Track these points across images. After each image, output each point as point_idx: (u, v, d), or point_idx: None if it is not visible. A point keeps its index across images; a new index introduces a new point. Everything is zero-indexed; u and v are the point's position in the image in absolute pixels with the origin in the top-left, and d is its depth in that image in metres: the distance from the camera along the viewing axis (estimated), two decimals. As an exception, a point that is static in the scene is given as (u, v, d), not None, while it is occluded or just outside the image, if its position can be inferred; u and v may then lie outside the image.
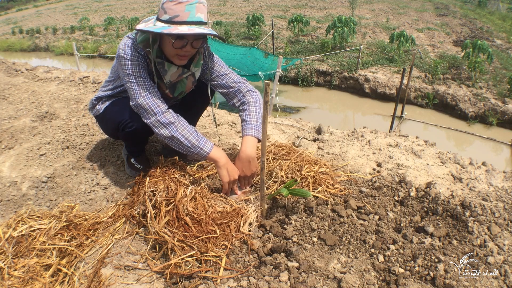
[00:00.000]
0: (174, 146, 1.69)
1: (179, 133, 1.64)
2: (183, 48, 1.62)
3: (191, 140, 1.65)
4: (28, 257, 1.45)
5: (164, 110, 1.65)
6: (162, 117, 1.63)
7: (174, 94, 1.87)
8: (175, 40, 1.58)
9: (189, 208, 1.55)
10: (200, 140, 1.68)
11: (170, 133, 1.64)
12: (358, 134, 2.55)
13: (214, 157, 1.70)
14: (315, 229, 1.54)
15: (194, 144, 1.66)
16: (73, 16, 21.86)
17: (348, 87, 8.05)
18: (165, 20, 1.55)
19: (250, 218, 1.58)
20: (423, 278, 1.30)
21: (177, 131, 1.64)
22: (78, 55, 7.91)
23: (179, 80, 1.82)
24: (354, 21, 9.54)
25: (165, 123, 1.63)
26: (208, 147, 1.69)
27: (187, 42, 1.60)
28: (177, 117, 1.68)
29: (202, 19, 1.56)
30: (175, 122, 1.65)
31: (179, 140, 1.65)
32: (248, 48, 7.23)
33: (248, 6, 19.00)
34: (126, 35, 1.72)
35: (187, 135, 1.65)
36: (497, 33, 11.68)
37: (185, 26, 1.52)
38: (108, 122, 1.92)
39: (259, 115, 1.87)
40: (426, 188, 1.83)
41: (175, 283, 1.32)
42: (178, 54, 1.65)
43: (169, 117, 1.65)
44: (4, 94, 3.58)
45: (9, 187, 2.04)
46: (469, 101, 6.52)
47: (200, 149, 1.67)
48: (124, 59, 1.63)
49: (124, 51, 1.62)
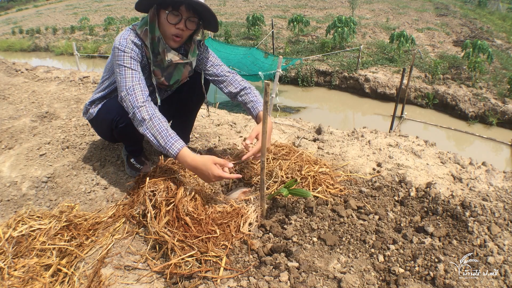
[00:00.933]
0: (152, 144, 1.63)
1: (149, 131, 1.58)
2: (177, 25, 1.66)
3: (158, 139, 1.57)
4: (28, 257, 1.45)
5: (140, 104, 1.59)
6: (137, 111, 1.59)
7: (170, 82, 1.87)
8: (170, 12, 1.63)
9: (189, 208, 1.55)
10: (167, 141, 1.56)
11: (142, 131, 1.60)
12: (358, 134, 2.55)
13: (182, 159, 1.58)
14: (315, 229, 1.54)
15: (161, 145, 1.57)
16: (73, 16, 21.86)
17: (348, 87, 8.05)
18: None
19: (250, 218, 1.58)
20: (423, 278, 1.30)
21: (147, 129, 1.58)
22: (78, 55, 7.91)
23: (176, 67, 1.84)
24: (354, 21, 9.54)
25: (139, 119, 1.59)
26: (175, 150, 1.56)
27: (181, 18, 1.65)
28: (152, 111, 1.59)
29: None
30: (146, 119, 1.57)
31: (150, 139, 1.59)
32: (248, 48, 7.23)
33: (248, 6, 19.00)
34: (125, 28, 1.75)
35: (156, 134, 1.57)
36: (497, 33, 11.68)
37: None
38: (102, 124, 1.93)
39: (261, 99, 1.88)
40: (426, 188, 1.83)
41: (175, 283, 1.32)
42: (173, 33, 1.68)
43: (143, 112, 1.58)
44: (4, 94, 3.58)
45: (9, 187, 2.04)
46: (469, 101, 6.52)
47: (166, 150, 1.57)
48: (118, 50, 1.65)
49: (119, 42, 1.66)
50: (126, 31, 1.71)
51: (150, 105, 1.63)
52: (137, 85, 1.64)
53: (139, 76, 1.68)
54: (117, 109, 1.75)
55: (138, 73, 1.68)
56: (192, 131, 2.62)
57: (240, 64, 6.79)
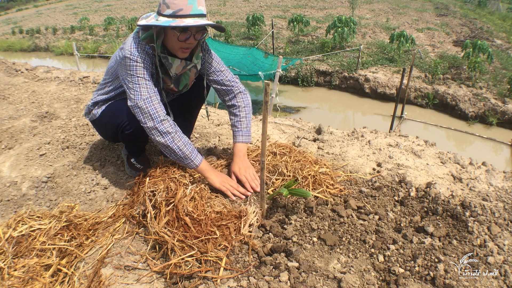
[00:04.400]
0: (166, 153, 1.73)
1: (174, 143, 1.67)
2: (187, 41, 1.67)
3: (184, 151, 1.69)
4: (28, 257, 1.45)
5: (162, 118, 1.66)
6: (160, 125, 1.65)
7: (179, 88, 1.91)
8: (181, 33, 1.63)
9: (188, 208, 1.55)
10: (192, 153, 1.72)
11: (166, 142, 1.66)
12: (358, 134, 2.55)
13: (203, 168, 1.75)
14: (315, 229, 1.54)
15: (186, 156, 1.70)
16: (73, 16, 21.85)
17: (348, 87, 8.04)
18: (169, 15, 1.59)
19: (250, 219, 1.58)
20: (423, 278, 1.30)
21: (173, 141, 1.67)
22: (78, 55, 7.91)
23: (183, 73, 1.86)
24: (354, 21, 9.54)
25: (163, 132, 1.65)
26: (198, 160, 1.73)
27: (191, 34, 1.65)
28: (174, 127, 1.70)
29: (203, 12, 1.64)
30: (171, 132, 1.67)
31: (173, 150, 1.68)
32: (248, 48, 7.23)
33: (248, 6, 18.99)
34: (130, 35, 1.74)
35: (182, 146, 1.69)
36: (497, 33, 11.67)
37: (190, 19, 1.59)
38: (106, 126, 1.93)
39: (248, 119, 1.99)
40: (426, 188, 1.83)
41: (175, 283, 1.32)
42: (182, 47, 1.70)
43: (167, 126, 1.66)
44: (4, 94, 3.58)
45: (9, 187, 2.04)
46: (469, 101, 6.52)
47: (191, 161, 1.71)
48: (130, 60, 1.63)
49: (130, 52, 1.63)
50: (135, 40, 1.68)
51: (171, 119, 1.71)
52: (155, 97, 1.67)
53: (154, 88, 1.69)
54: (126, 115, 1.77)
55: (152, 84, 1.69)
56: (192, 131, 2.62)
57: (240, 64, 6.79)
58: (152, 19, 1.65)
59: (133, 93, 1.65)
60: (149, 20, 1.65)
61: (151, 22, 1.61)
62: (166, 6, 1.59)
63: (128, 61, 1.64)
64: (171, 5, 1.57)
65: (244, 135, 1.95)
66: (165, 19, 1.59)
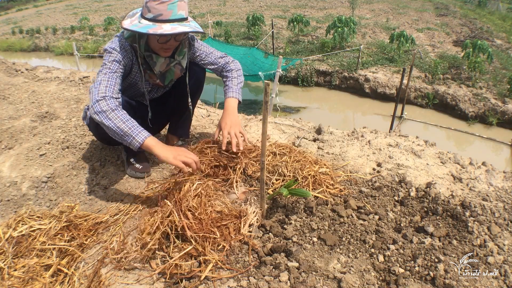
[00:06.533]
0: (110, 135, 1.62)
1: (110, 121, 1.57)
2: (167, 43, 1.76)
3: (122, 128, 1.56)
4: (28, 257, 1.45)
5: (99, 98, 1.59)
6: (95, 104, 1.58)
7: (165, 83, 2.00)
8: (160, 37, 1.72)
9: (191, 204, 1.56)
10: (133, 129, 1.58)
11: (101, 120, 1.57)
12: (358, 134, 2.55)
13: (149, 144, 1.59)
14: (315, 229, 1.54)
15: (125, 133, 1.56)
16: (73, 16, 21.85)
17: (348, 87, 8.04)
18: (149, 18, 1.67)
19: (250, 219, 1.58)
20: (423, 278, 1.30)
21: (109, 119, 1.57)
22: (78, 55, 7.91)
23: (168, 70, 1.95)
24: (354, 21, 9.54)
25: (97, 111, 1.57)
26: (141, 137, 1.57)
27: (171, 37, 1.75)
28: (111, 105, 1.59)
29: (183, 16, 1.70)
30: (106, 110, 1.57)
31: (110, 128, 1.57)
32: (248, 48, 7.23)
33: (248, 6, 18.99)
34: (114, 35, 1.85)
35: (119, 123, 1.57)
36: (497, 33, 11.67)
37: (168, 24, 1.65)
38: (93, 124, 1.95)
39: (239, 80, 2.10)
40: (426, 188, 1.83)
41: (175, 283, 1.32)
42: (163, 47, 1.79)
43: (102, 105, 1.58)
44: (4, 94, 3.57)
45: (9, 187, 2.04)
46: (469, 101, 6.52)
47: (132, 138, 1.57)
48: (106, 52, 1.74)
49: (108, 46, 1.75)
50: (118, 38, 1.78)
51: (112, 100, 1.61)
52: (105, 82, 1.65)
53: (113, 75, 1.70)
54: None
55: (113, 73, 1.70)
56: (192, 131, 2.62)
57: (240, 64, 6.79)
58: (136, 19, 1.73)
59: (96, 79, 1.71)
60: (133, 21, 1.72)
61: (133, 27, 1.68)
62: (147, 10, 1.66)
63: (105, 53, 1.75)
64: (152, 9, 1.64)
65: (234, 91, 2.03)
66: (146, 23, 1.66)
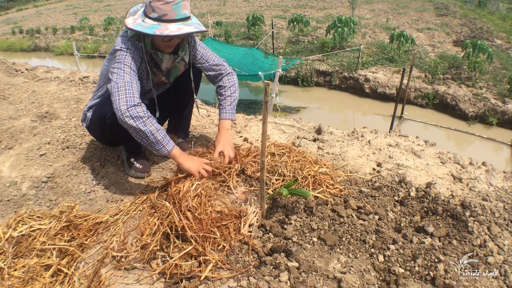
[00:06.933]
0: (137, 138, 1.69)
1: (146, 127, 1.64)
2: (171, 41, 1.80)
3: (156, 136, 1.67)
4: (28, 257, 1.45)
5: (136, 103, 1.64)
6: (132, 108, 1.62)
7: (170, 79, 2.03)
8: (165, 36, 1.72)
9: (191, 203, 1.56)
10: (164, 139, 1.71)
11: (138, 125, 1.63)
12: (358, 134, 2.55)
13: (176, 154, 1.75)
14: (315, 229, 1.54)
15: (158, 141, 1.68)
16: (73, 16, 21.84)
17: (348, 87, 8.04)
18: (154, 18, 1.67)
19: (250, 219, 1.58)
20: (423, 278, 1.30)
21: (145, 125, 1.64)
22: (78, 55, 7.90)
23: (173, 66, 1.97)
24: (354, 21, 9.53)
25: (134, 116, 1.62)
26: (170, 146, 1.72)
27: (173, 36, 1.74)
28: (146, 113, 1.67)
29: (187, 15, 1.71)
30: (143, 116, 1.64)
31: (145, 134, 1.65)
32: (248, 48, 7.22)
33: (248, 6, 18.98)
34: (119, 35, 1.82)
35: (154, 131, 1.66)
36: (497, 33, 11.67)
37: (173, 24, 1.67)
38: (95, 124, 1.96)
39: (233, 98, 2.11)
40: (426, 188, 1.83)
41: (175, 283, 1.32)
42: (166, 45, 1.81)
43: (139, 111, 1.64)
44: (4, 94, 3.57)
45: (9, 187, 2.04)
46: (469, 101, 6.52)
47: (163, 146, 1.70)
48: (120, 51, 1.73)
49: (120, 46, 1.74)
50: (124, 37, 1.78)
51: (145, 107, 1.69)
52: (135, 84, 1.69)
53: (136, 78, 1.73)
54: (109, 105, 1.77)
55: (136, 75, 1.74)
56: (192, 131, 2.62)
57: (240, 64, 6.79)
58: (139, 18, 1.72)
59: (116, 76, 1.68)
60: (137, 19, 1.72)
61: (136, 26, 1.68)
62: (152, 10, 1.66)
63: (118, 53, 1.73)
64: (157, 9, 1.65)
65: (227, 112, 2.06)
66: (151, 22, 1.67)
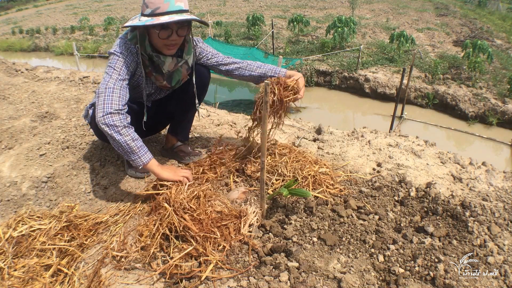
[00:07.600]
0: (114, 147, 1.67)
1: (121, 137, 1.61)
2: (170, 38, 1.70)
3: (131, 146, 1.63)
4: (28, 257, 1.45)
5: (113, 111, 1.60)
6: (108, 116, 1.59)
7: (172, 84, 1.92)
8: (160, 30, 1.66)
9: (187, 205, 1.55)
10: (140, 149, 1.66)
11: (112, 134, 1.60)
12: (358, 134, 2.55)
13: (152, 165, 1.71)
14: (315, 229, 1.54)
15: (133, 151, 1.64)
16: (73, 16, 21.84)
17: (348, 87, 8.04)
18: (148, 14, 1.64)
19: (250, 219, 1.58)
20: (423, 278, 1.30)
21: (120, 134, 1.60)
22: (78, 55, 7.91)
23: (176, 70, 1.89)
24: (354, 21, 9.54)
25: (109, 124, 1.59)
26: (147, 158, 1.68)
27: (172, 31, 1.69)
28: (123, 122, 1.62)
29: (183, 7, 1.65)
30: (119, 126, 1.60)
31: (119, 143, 1.62)
32: (248, 48, 7.24)
33: (248, 6, 18.98)
34: (119, 36, 1.80)
35: (129, 141, 1.62)
36: (497, 33, 11.67)
37: (166, 16, 1.62)
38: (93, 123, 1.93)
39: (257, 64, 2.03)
40: (426, 188, 1.83)
41: (175, 283, 1.32)
42: (166, 44, 1.73)
43: (115, 120, 1.60)
44: (4, 94, 3.57)
45: (9, 187, 2.04)
46: (469, 101, 6.52)
47: (138, 157, 1.66)
48: (113, 55, 1.71)
49: (115, 50, 1.72)
50: (122, 40, 1.75)
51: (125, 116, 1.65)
52: (118, 91, 1.65)
53: (123, 84, 1.69)
54: None
55: (123, 81, 1.69)
56: (192, 131, 2.62)
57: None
58: (136, 20, 1.71)
59: (102, 81, 1.68)
60: (134, 21, 1.71)
61: (132, 23, 1.67)
62: (145, 6, 1.65)
63: (111, 56, 1.71)
64: (149, 4, 1.63)
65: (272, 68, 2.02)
66: (145, 19, 1.64)
